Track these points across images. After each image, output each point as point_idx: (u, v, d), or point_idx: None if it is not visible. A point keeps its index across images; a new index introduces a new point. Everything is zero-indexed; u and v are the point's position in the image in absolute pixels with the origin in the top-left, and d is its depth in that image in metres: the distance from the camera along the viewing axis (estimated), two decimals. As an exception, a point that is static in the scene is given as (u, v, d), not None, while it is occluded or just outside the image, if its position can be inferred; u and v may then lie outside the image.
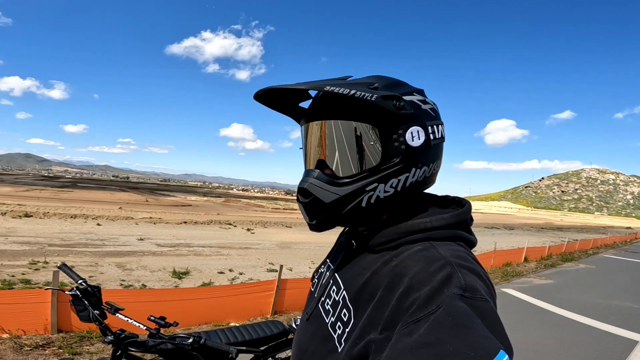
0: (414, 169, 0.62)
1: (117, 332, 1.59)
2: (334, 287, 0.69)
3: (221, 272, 10.05)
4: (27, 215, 17.75)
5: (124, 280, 7.97)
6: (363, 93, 0.56)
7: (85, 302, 1.61)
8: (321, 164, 0.64)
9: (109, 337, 1.56)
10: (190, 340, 1.61)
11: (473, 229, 0.68)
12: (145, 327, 1.67)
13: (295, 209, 58.40)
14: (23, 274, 7.52)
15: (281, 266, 6.15)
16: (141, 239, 14.12)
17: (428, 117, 0.64)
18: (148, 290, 6.46)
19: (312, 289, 0.81)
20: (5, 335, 3.69)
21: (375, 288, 0.58)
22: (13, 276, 7.24)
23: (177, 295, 5.46)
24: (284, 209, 56.94)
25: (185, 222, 21.18)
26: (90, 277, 7.92)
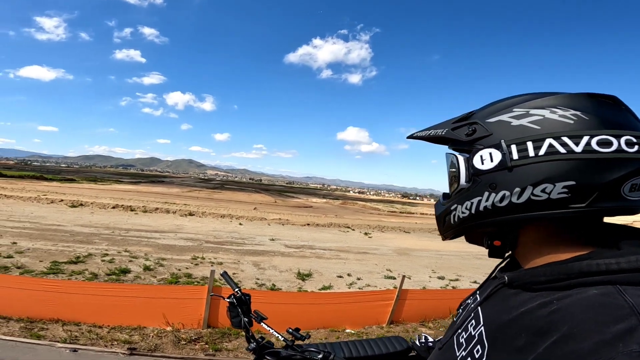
0: (487, 193, 0.61)
1: (259, 339, 1.73)
2: (473, 320, 0.66)
3: (340, 276, 10.39)
4: (190, 214, 22.14)
5: (258, 279, 9.04)
6: (437, 131, 0.70)
7: (239, 309, 1.79)
8: None
9: (252, 345, 1.71)
10: (320, 356, 1.64)
11: None
12: (282, 338, 1.77)
13: (413, 214, 56.55)
14: (187, 268, 9.35)
15: (403, 276, 6.01)
16: (272, 239, 15.85)
17: (521, 135, 0.59)
18: (279, 293, 7.18)
19: (455, 319, 0.79)
20: (168, 328, 4.54)
21: (521, 330, 0.52)
22: (179, 270, 9.07)
23: (302, 299, 5.89)
24: (400, 212, 55.62)
25: (308, 224, 22.84)
26: (234, 274, 9.28)
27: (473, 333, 0.63)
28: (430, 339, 1.68)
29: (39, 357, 3.05)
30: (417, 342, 1.58)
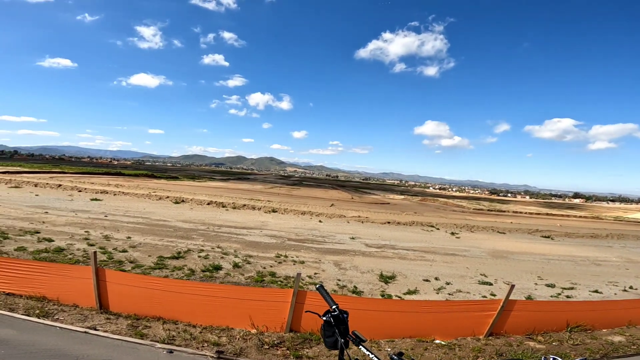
0: None
1: None
2: None
3: (426, 280, 9.62)
4: (273, 211, 23.21)
5: (339, 280, 8.82)
6: None
7: (335, 329, 1.63)
8: None
9: None
10: None
11: None
12: None
13: (504, 212, 49.29)
14: (271, 266, 9.61)
15: (512, 286, 5.33)
16: (352, 238, 15.58)
17: None
18: (365, 299, 6.83)
19: None
20: (253, 331, 4.55)
21: None
22: (264, 268, 9.35)
23: (391, 306, 5.47)
24: (488, 210, 50.57)
25: (388, 222, 22.03)
26: (315, 274, 9.25)
27: None
28: None
29: (140, 357, 3.22)
30: None
